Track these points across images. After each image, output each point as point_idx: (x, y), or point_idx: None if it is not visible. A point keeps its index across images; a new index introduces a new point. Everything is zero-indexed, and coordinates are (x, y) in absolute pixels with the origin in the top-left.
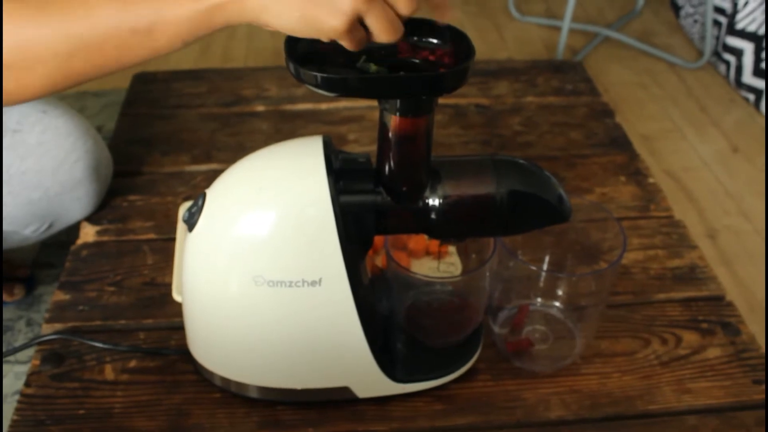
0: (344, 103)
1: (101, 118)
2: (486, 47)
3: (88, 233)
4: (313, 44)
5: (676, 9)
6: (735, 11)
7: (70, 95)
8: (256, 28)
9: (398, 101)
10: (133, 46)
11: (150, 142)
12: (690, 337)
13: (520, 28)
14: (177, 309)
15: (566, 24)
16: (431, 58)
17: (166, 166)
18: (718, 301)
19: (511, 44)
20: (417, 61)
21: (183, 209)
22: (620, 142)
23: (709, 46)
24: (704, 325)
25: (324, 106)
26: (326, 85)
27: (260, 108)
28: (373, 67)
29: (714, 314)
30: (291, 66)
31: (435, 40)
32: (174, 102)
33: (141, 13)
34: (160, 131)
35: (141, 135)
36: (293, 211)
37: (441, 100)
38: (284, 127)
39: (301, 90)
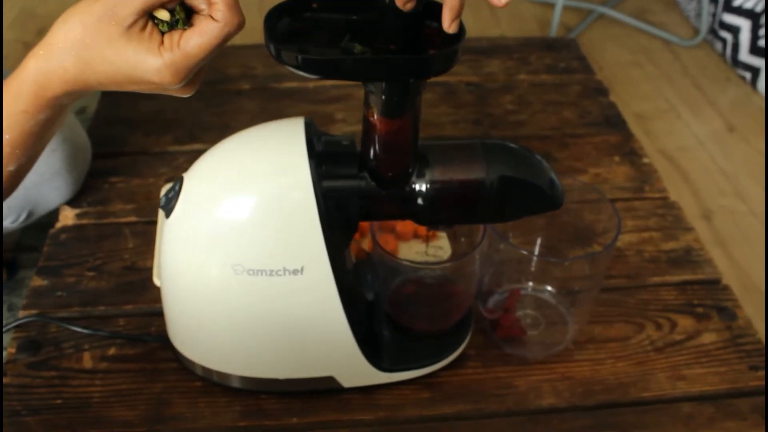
0: (332, 82)
1: (85, 99)
2: (478, 24)
3: (68, 216)
4: (294, 23)
5: None
6: None
7: None
8: (246, 4)
9: (384, 84)
10: None
11: (132, 122)
12: (685, 322)
13: (513, 5)
14: (158, 294)
15: (560, 0)
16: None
17: (149, 146)
18: (714, 284)
19: (503, 21)
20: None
21: (165, 191)
22: (614, 122)
23: (705, 24)
24: (700, 310)
25: (311, 84)
26: (307, 66)
27: (246, 87)
28: (357, 48)
29: (710, 298)
30: (271, 46)
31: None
32: None
33: None
34: (143, 111)
35: (123, 115)
36: (273, 197)
37: (430, 78)
38: (270, 107)
39: (287, 68)
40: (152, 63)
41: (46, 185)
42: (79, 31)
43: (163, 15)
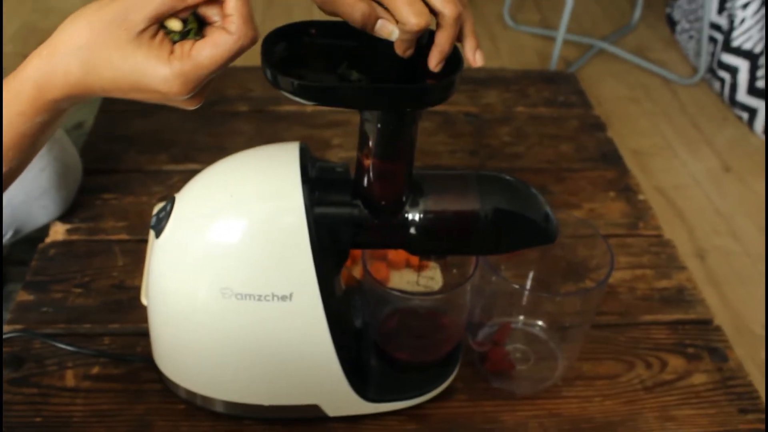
0: (329, 107)
1: (83, 114)
2: None
3: (58, 231)
4: (292, 48)
5: (672, 24)
6: (731, 28)
7: None
8: None
9: (379, 113)
10: None
11: (128, 140)
12: (676, 362)
13: (514, 38)
14: (145, 314)
15: (560, 35)
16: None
17: (143, 164)
18: (706, 325)
19: (504, 53)
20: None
21: (156, 211)
22: (611, 157)
23: (704, 63)
24: (691, 350)
25: (309, 109)
26: (303, 93)
27: (243, 108)
28: (354, 75)
29: (701, 338)
30: (268, 72)
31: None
32: None
33: None
34: (140, 129)
35: (119, 132)
36: (264, 221)
37: (426, 109)
38: (267, 129)
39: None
40: (161, 72)
41: (33, 204)
42: (87, 34)
43: (175, 25)
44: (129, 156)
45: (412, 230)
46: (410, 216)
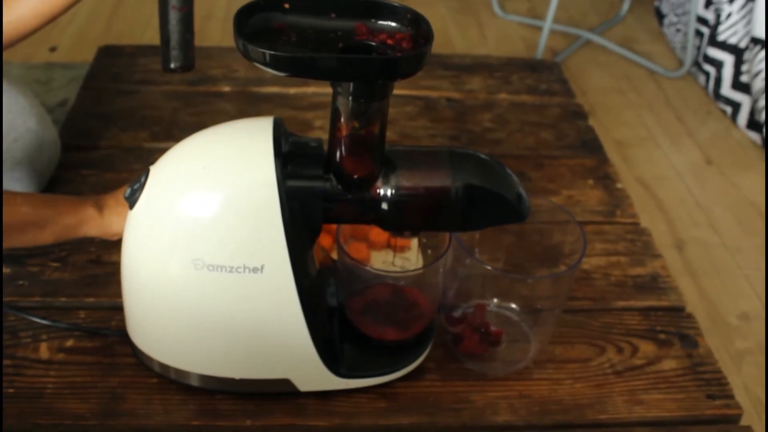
0: (312, 89)
1: (67, 91)
2: (466, 43)
3: None
4: (265, 22)
5: (660, 17)
6: (718, 23)
7: (39, 66)
8: (235, 7)
9: (351, 85)
10: None
11: (110, 117)
12: (646, 348)
13: (502, 26)
14: (120, 289)
15: (547, 24)
16: (389, 41)
17: (124, 141)
18: (678, 312)
19: (491, 42)
20: (374, 44)
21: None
22: (591, 146)
23: (689, 56)
24: (662, 336)
25: (292, 90)
26: (275, 63)
27: (226, 89)
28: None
29: (673, 325)
30: (239, 42)
31: (394, 24)
32: (138, 77)
33: None
34: (122, 106)
35: (101, 109)
36: (237, 193)
37: (411, 92)
38: (249, 110)
39: (265, 70)
40: None
41: (6, 175)
42: None
43: None
44: (110, 133)
45: (384, 205)
46: (382, 191)
